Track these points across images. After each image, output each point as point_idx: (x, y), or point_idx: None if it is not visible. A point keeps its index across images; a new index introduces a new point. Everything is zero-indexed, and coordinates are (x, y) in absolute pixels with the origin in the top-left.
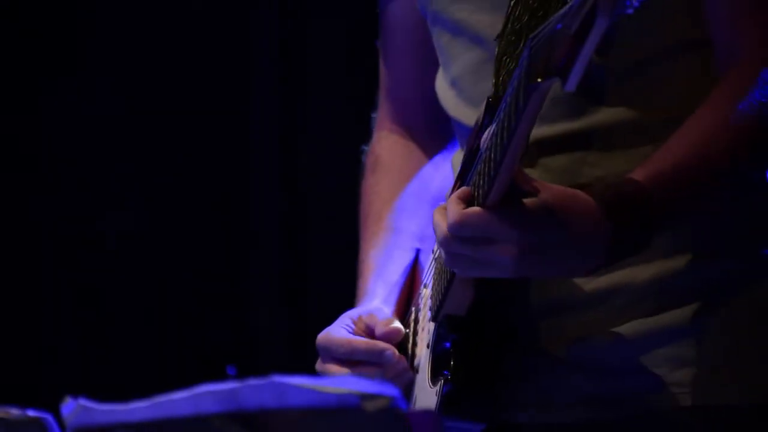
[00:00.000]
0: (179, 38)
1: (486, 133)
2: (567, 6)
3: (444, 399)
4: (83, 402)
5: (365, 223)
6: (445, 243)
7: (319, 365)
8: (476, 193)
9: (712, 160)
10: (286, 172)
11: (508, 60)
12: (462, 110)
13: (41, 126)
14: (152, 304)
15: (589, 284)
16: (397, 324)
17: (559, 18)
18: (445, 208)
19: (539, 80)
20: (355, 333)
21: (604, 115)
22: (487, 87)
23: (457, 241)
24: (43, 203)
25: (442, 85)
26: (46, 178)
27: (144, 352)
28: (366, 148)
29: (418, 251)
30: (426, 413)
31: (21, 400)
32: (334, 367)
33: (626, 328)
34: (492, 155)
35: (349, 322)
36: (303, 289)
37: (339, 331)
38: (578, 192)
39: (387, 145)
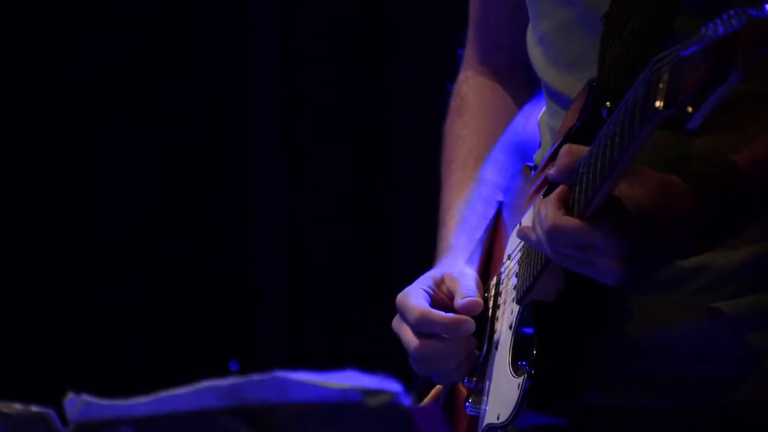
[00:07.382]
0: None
1: (597, 137)
2: (698, 37)
3: (527, 393)
4: (86, 397)
5: (449, 167)
6: (547, 241)
7: (395, 323)
8: (578, 197)
9: None
10: (291, 169)
11: (615, 43)
12: (548, 70)
13: (41, 125)
14: (154, 300)
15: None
16: (478, 297)
17: (686, 45)
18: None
19: (658, 105)
20: (435, 297)
21: None
22: (574, 50)
23: (558, 243)
24: (44, 200)
25: (531, 40)
26: (48, 175)
27: (147, 348)
28: (451, 86)
29: (500, 204)
30: (428, 408)
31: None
32: (406, 333)
33: (709, 312)
34: (600, 164)
35: (431, 283)
36: (306, 285)
37: (417, 296)
38: (674, 181)
39: (474, 87)
